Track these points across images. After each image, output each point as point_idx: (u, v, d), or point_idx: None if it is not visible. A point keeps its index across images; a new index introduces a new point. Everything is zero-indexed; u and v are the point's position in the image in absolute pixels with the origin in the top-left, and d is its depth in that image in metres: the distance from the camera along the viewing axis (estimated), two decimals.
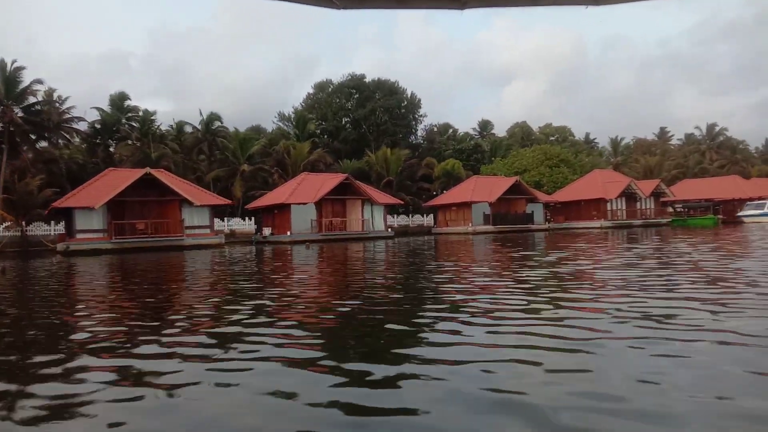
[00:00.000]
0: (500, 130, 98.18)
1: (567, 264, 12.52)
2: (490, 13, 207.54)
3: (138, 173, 32.58)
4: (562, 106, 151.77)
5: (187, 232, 33.57)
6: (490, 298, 7.36)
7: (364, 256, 19.70)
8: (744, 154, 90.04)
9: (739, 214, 52.71)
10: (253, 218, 46.58)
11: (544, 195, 51.79)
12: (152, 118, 57.12)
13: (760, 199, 55.31)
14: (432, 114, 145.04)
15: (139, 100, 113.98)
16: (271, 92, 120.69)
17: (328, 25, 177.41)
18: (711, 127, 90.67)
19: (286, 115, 71.63)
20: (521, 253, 17.81)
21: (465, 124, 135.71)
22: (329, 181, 40.22)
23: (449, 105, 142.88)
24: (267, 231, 41.46)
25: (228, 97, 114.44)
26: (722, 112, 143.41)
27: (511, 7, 1.26)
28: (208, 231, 35.14)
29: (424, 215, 54.59)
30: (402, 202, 44.76)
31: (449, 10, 1.29)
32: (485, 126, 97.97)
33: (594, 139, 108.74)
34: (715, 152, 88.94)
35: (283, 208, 39.24)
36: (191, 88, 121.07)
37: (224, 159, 60.73)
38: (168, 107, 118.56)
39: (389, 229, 43.47)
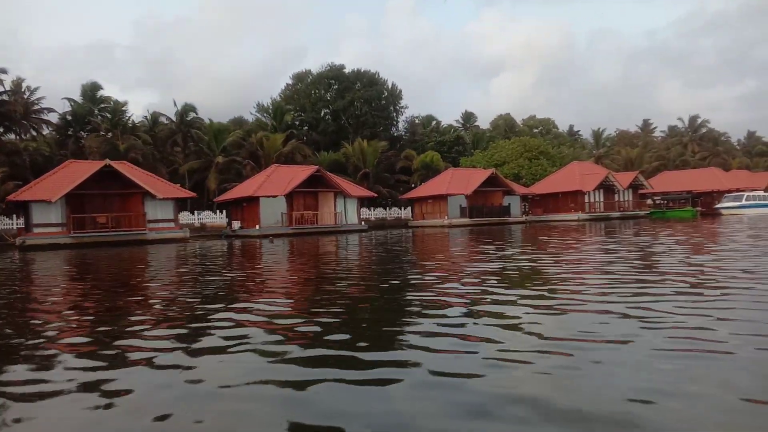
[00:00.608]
0: (487, 122, 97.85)
1: (520, 259, 11.95)
2: (478, 4, 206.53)
3: (97, 165, 31.49)
4: (551, 98, 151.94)
5: (150, 226, 32.58)
6: (431, 297, 6.67)
7: (326, 251, 19.00)
8: (725, 146, 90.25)
9: (717, 206, 52.58)
10: (224, 211, 45.62)
11: (522, 187, 51.26)
12: (123, 108, 55.80)
13: (738, 191, 55.28)
14: (420, 106, 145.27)
15: (124, 91, 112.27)
16: (258, 83, 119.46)
17: (315, 15, 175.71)
18: (693, 119, 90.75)
19: (264, 106, 70.39)
20: (481, 246, 17.21)
21: (452, 116, 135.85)
22: (300, 173, 39.34)
23: (437, 97, 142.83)
24: (236, 224, 40.58)
25: (214, 88, 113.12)
26: (707, 104, 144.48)
27: None
28: (172, 225, 34.19)
29: (402, 208, 53.91)
30: (376, 195, 44.02)
31: None
32: (468, 118, 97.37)
33: (578, 131, 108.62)
34: (697, 144, 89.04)
35: (252, 201, 38.34)
36: (177, 79, 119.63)
37: (199, 151, 59.73)
38: (154, 98, 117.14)
39: (363, 223, 42.73)
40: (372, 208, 52.91)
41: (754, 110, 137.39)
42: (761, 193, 54.66)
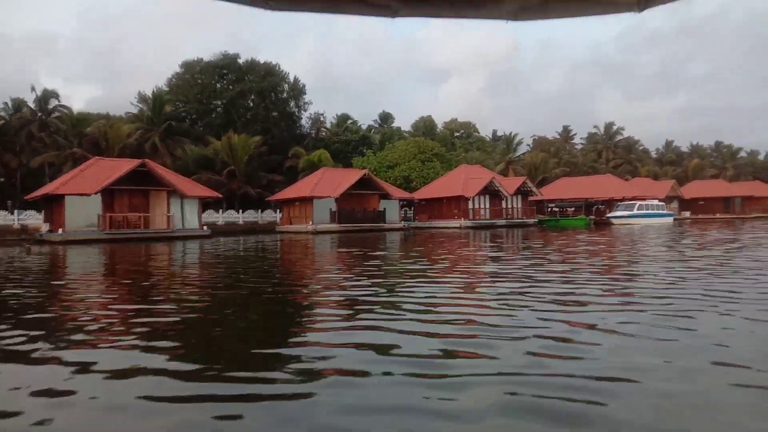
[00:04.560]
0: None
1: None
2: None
3: None
4: (497, 105, 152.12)
5: None
6: None
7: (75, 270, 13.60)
8: (638, 155, 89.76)
9: (608, 215, 50.09)
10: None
11: (400, 191, 47.11)
12: None
13: (634, 199, 53.12)
14: (369, 108, 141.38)
15: (67, 84, 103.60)
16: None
17: (269, 12, 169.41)
18: (609, 127, 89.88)
19: (145, 95, 63.64)
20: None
21: (401, 120, 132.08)
22: (122, 167, 33.62)
23: (387, 100, 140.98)
24: (45, 227, 34.44)
25: (162, 82, 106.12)
26: (645, 114, 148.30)
27: (439, 18, 1.37)
28: None
29: (277, 211, 48.75)
30: (219, 195, 38.63)
31: (381, 17, 1.34)
32: (386, 119, 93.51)
33: (501, 136, 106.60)
34: (612, 152, 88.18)
35: (59, 200, 32.35)
36: (124, 72, 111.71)
37: (55, 143, 52.90)
38: (98, 92, 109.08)
39: (205, 228, 37.33)
40: (242, 210, 47.55)
41: (686, 121, 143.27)
42: (655, 202, 52.72)
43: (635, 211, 49.08)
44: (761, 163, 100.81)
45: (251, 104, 64.12)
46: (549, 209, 55.78)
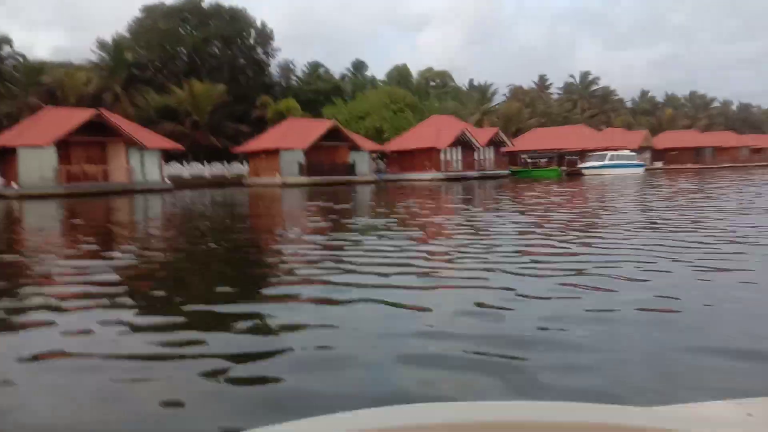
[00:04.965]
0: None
1: None
2: None
3: None
4: (477, 54, 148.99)
5: None
6: None
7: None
8: (613, 105, 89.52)
9: (580, 165, 50.11)
10: None
11: (369, 142, 46.18)
12: None
13: (605, 150, 53.08)
14: (347, 58, 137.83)
15: (29, 30, 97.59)
16: None
17: None
18: (584, 76, 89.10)
19: (105, 42, 60.38)
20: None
21: (380, 69, 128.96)
22: (75, 117, 32.05)
23: (365, 50, 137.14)
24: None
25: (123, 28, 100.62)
26: (623, 65, 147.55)
27: None
28: None
29: (244, 163, 47.51)
30: (182, 147, 37.34)
31: None
32: (359, 67, 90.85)
33: (478, 85, 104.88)
34: (587, 102, 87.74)
35: (12, 153, 30.85)
36: (91, 18, 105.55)
37: (9, 92, 50.27)
38: (63, 41, 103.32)
39: (167, 180, 36.23)
40: (208, 162, 46.25)
41: (663, 72, 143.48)
42: (627, 152, 52.85)
43: (606, 162, 49.14)
44: (734, 114, 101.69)
45: (217, 51, 61.47)
46: (522, 160, 55.55)
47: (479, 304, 3.97)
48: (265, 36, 66.61)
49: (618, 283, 4.65)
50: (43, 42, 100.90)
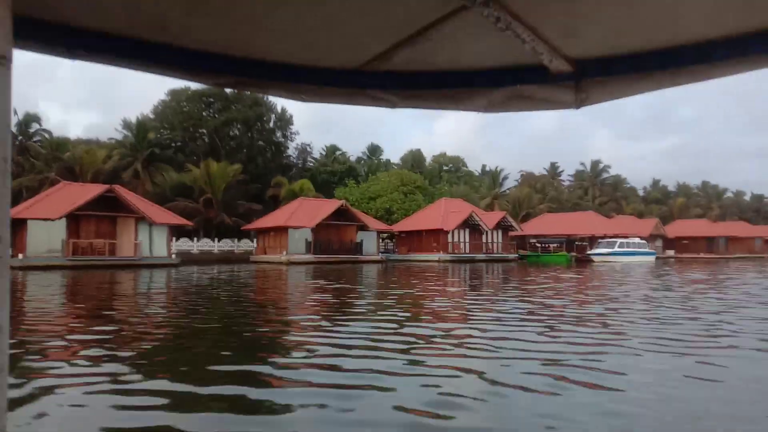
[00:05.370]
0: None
1: None
2: None
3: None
4: (491, 141, 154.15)
5: None
6: None
7: None
8: (624, 192, 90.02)
9: (589, 252, 49.64)
10: None
11: (378, 222, 46.54)
12: None
13: (616, 236, 52.78)
14: (361, 141, 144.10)
15: (66, 111, 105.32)
16: None
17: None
18: (595, 164, 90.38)
19: (130, 122, 63.48)
20: None
21: (396, 154, 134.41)
22: (89, 192, 32.98)
23: (381, 136, 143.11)
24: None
25: (149, 110, 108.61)
26: (634, 155, 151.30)
27: (428, 109, 1.60)
28: None
29: (254, 240, 47.96)
30: (190, 223, 37.95)
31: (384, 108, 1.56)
32: (374, 151, 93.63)
33: (490, 170, 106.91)
34: (599, 189, 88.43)
35: (20, 225, 31.52)
36: (122, 99, 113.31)
37: (33, 167, 52.36)
38: (96, 119, 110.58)
39: (173, 256, 36.49)
40: (218, 239, 46.74)
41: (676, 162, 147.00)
42: (636, 240, 52.40)
43: (616, 249, 48.66)
44: (747, 204, 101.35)
45: (237, 133, 64.03)
46: (531, 244, 55.31)
47: None
48: (284, 120, 69.53)
49: None
50: (77, 120, 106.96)
